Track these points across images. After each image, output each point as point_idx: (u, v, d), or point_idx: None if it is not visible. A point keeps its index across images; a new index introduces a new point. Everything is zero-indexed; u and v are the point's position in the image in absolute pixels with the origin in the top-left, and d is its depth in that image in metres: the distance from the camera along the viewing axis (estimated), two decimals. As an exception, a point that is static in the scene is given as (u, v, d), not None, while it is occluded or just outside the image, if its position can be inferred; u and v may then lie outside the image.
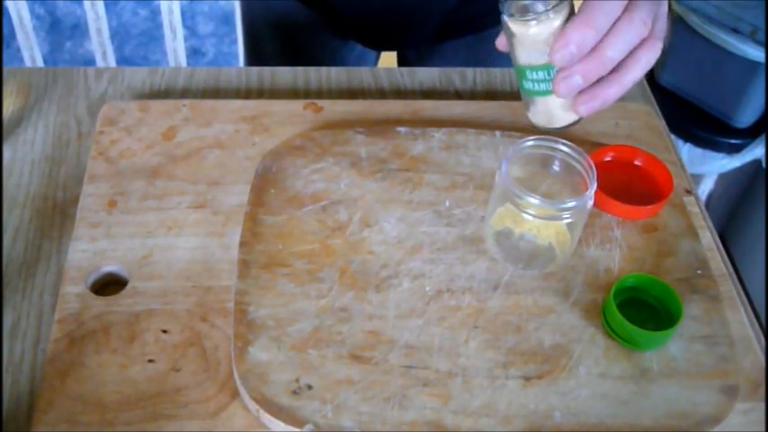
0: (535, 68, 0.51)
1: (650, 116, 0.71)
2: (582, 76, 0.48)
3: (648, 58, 0.49)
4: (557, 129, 0.54)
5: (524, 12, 0.49)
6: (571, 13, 0.49)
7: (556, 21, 0.48)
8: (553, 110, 0.53)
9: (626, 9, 0.48)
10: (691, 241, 0.60)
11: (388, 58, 1.01)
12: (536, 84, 0.51)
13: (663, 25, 0.50)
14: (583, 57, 0.48)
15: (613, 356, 0.53)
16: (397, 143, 0.65)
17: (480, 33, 0.87)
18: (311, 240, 0.58)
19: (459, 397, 0.50)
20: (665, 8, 0.50)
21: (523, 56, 0.51)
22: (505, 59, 0.57)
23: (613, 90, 0.50)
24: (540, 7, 0.48)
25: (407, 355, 0.52)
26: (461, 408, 0.50)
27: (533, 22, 0.49)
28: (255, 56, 0.97)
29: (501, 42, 0.53)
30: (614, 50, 0.48)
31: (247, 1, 0.93)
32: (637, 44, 0.49)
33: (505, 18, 0.50)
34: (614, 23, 0.47)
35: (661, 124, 0.71)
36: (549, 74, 0.50)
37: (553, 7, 0.48)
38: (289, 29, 0.89)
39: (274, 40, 0.92)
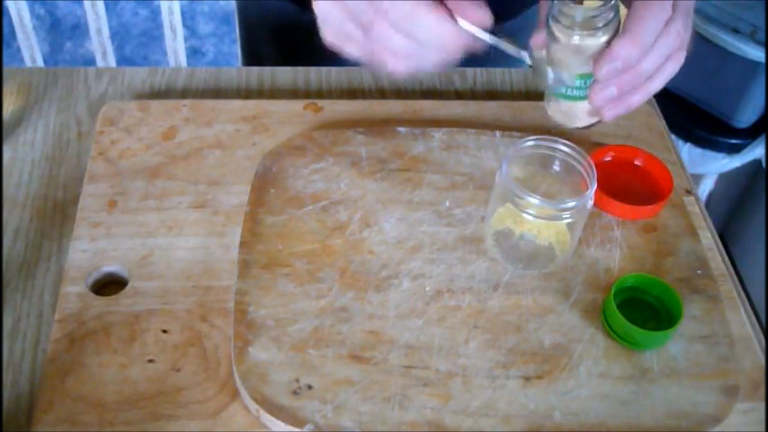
0: (574, 77, 0.51)
1: (650, 116, 0.71)
2: (618, 87, 0.50)
3: (674, 68, 0.51)
4: (574, 128, 0.55)
5: (574, 24, 0.49)
6: (617, 28, 0.49)
7: (604, 37, 0.49)
8: (577, 112, 0.53)
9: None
10: (691, 241, 0.60)
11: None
12: (570, 90, 0.52)
13: (689, 35, 0.51)
14: None
15: (613, 356, 0.53)
16: (397, 143, 0.65)
17: None
18: (311, 240, 0.58)
19: (459, 397, 0.50)
20: (692, 18, 0.51)
21: (564, 63, 0.51)
22: (504, 60, 0.57)
23: (638, 97, 0.51)
24: (591, 24, 0.48)
25: (407, 355, 0.52)
26: (461, 408, 0.50)
27: (580, 36, 0.49)
28: (253, 58, 0.97)
29: (537, 41, 0.53)
30: (651, 64, 0.49)
31: (243, 3, 0.93)
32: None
33: (552, 25, 0.50)
34: None
35: (661, 124, 0.71)
36: (585, 82, 0.51)
37: (604, 25, 0.48)
38: (285, 31, 0.89)
39: (271, 43, 0.92)
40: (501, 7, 0.49)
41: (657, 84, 0.51)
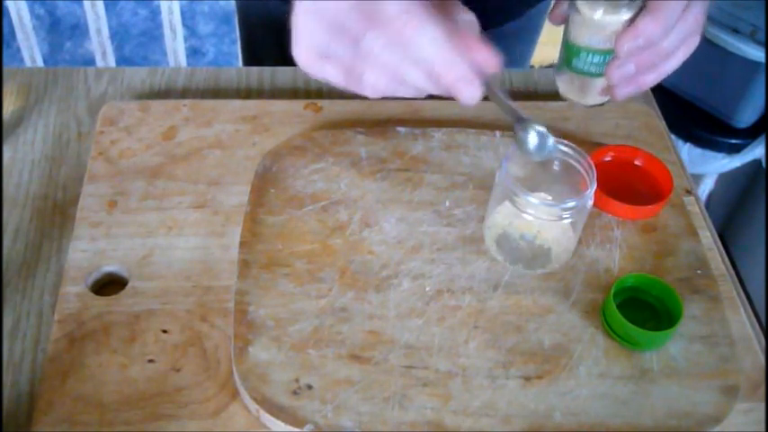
0: (593, 52, 0.52)
1: (650, 116, 0.71)
2: (636, 65, 0.50)
3: (688, 51, 0.52)
4: (585, 105, 0.56)
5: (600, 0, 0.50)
6: (640, 7, 0.50)
7: (627, 15, 0.50)
8: (590, 89, 0.54)
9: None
10: (691, 241, 0.60)
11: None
12: (588, 65, 0.53)
13: (704, 21, 0.52)
14: None
15: (613, 356, 0.53)
16: (397, 143, 0.65)
17: (484, 33, 0.86)
18: (311, 240, 0.58)
19: (459, 397, 0.50)
20: (708, 5, 0.52)
21: (585, 38, 0.52)
22: (506, 61, 0.57)
23: (651, 77, 0.52)
24: (616, 1, 0.49)
25: (407, 355, 0.52)
26: (461, 408, 0.50)
27: (604, 11, 0.50)
28: (253, 59, 0.96)
29: (556, 16, 0.54)
30: (670, 44, 0.50)
31: (244, 4, 0.93)
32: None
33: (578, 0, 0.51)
34: None
35: (661, 124, 0.71)
36: (604, 59, 0.52)
37: (629, 3, 0.49)
38: (285, 31, 0.89)
39: (271, 43, 0.92)
40: (504, 8, 0.49)
41: (672, 65, 0.52)
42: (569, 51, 0.54)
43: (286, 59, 0.87)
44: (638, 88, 0.52)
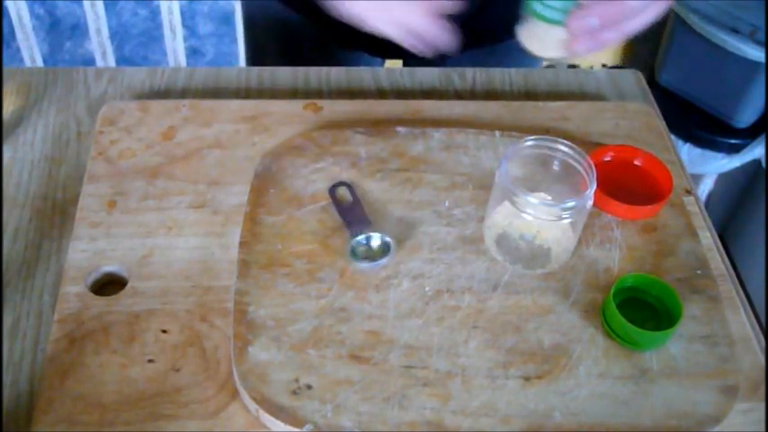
0: None
1: (650, 116, 0.71)
2: (599, 18, 0.49)
3: (654, 15, 0.50)
4: (544, 58, 0.54)
5: None
6: None
7: None
8: (551, 39, 0.52)
9: None
10: (690, 241, 0.60)
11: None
12: (549, 10, 0.51)
13: None
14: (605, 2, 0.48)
15: (613, 356, 0.53)
16: (397, 143, 0.65)
17: (489, 47, 0.86)
18: (311, 240, 0.58)
19: (458, 397, 0.50)
20: None
21: None
22: (504, 61, 0.57)
23: (612, 35, 0.50)
24: None
25: (407, 355, 0.52)
26: (461, 408, 0.50)
27: None
28: (258, 65, 0.96)
29: None
30: (638, 1, 0.49)
31: (250, 8, 0.93)
32: None
33: None
34: None
35: (661, 124, 0.71)
36: (565, 5, 0.50)
37: None
38: (292, 41, 0.89)
39: (278, 54, 0.92)
40: (514, 23, 0.48)
41: (636, 25, 0.50)
42: None
43: (290, 63, 0.87)
44: (597, 46, 0.50)
